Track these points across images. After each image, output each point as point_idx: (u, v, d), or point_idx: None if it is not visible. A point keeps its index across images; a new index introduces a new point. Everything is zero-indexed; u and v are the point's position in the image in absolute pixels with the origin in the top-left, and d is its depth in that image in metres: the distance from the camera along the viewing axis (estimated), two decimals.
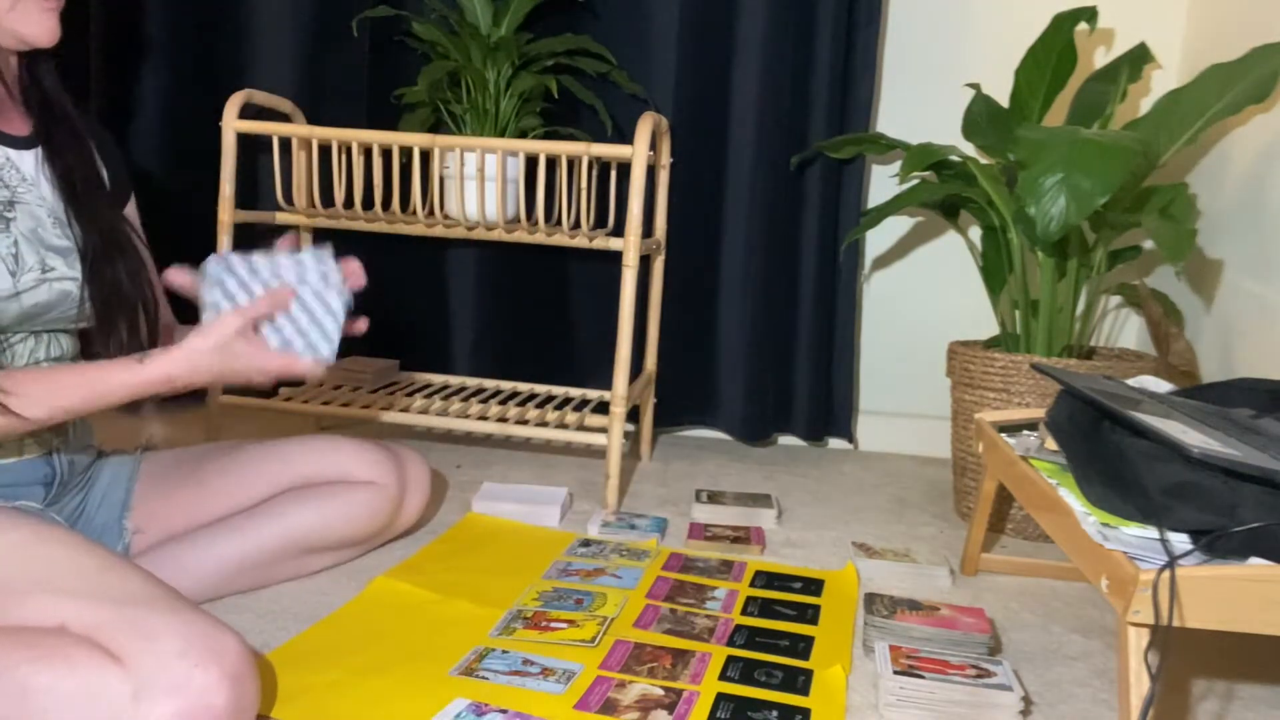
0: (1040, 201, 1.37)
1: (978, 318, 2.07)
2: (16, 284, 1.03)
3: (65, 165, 1.12)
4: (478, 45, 1.79)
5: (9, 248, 1.03)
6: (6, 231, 1.04)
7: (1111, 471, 0.99)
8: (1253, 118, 1.68)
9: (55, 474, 1.12)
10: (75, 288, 1.09)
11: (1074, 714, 1.06)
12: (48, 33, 1.06)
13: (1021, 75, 1.75)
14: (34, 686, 0.81)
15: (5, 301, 1.02)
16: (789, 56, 1.95)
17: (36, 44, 1.06)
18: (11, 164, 1.09)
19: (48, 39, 1.06)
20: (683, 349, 2.08)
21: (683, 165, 1.98)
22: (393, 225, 1.77)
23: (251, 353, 1.05)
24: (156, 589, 0.91)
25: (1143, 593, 0.84)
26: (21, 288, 1.03)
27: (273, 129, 1.72)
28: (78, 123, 1.17)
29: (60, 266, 1.08)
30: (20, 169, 1.09)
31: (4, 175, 1.08)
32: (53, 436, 1.11)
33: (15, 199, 1.07)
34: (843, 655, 1.14)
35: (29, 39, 1.05)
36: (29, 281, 1.04)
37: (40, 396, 0.97)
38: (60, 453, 1.13)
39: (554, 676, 1.05)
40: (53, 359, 1.11)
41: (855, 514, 1.74)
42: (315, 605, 1.22)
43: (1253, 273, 1.64)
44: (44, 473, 1.11)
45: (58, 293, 1.07)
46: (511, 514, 1.59)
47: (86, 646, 0.83)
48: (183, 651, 0.82)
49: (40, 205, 1.09)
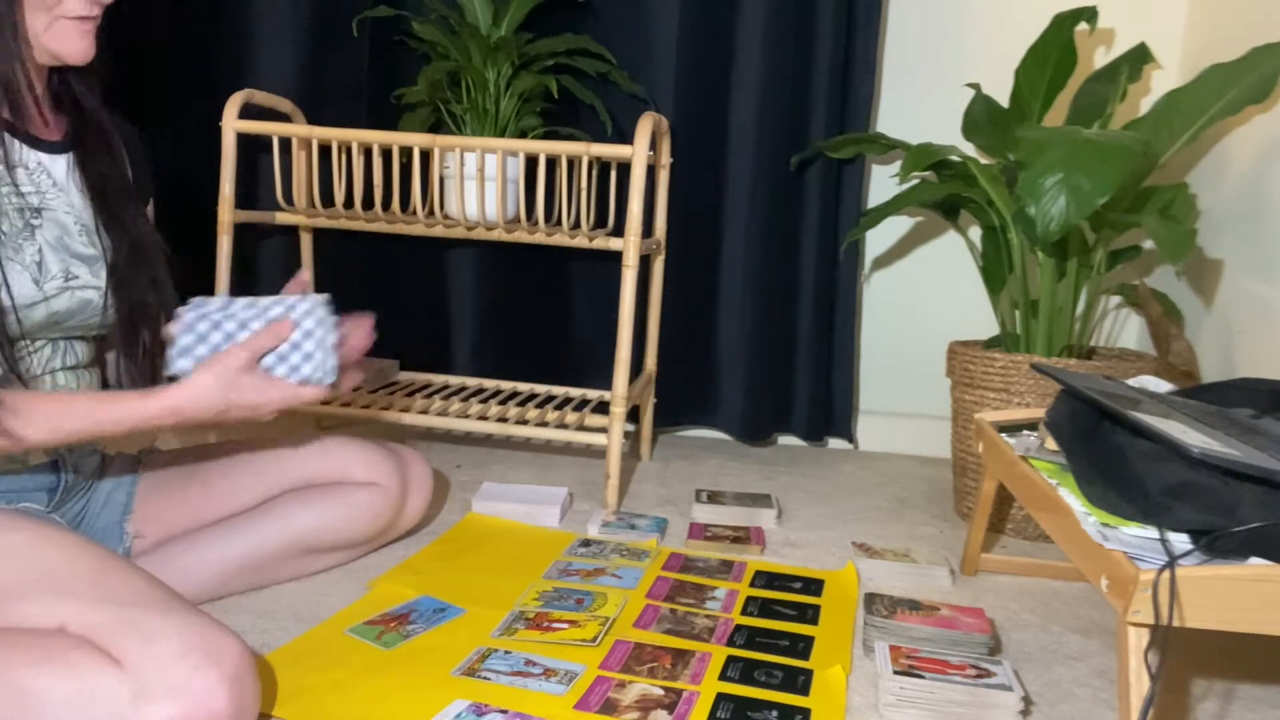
0: (1040, 201, 1.37)
1: (978, 318, 2.07)
2: (43, 290, 1.03)
3: (97, 172, 1.12)
4: (478, 45, 1.79)
5: (34, 255, 1.03)
6: (32, 239, 1.04)
7: (1111, 471, 0.99)
8: (1253, 118, 1.68)
9: (60, 482, 1.12)
10: (98, 296, 1.09)
11: (1074, 714, 1.06)
12: (82, 52, 1.05)
13: (1021, 75, 1.75)
14: (32, 688, 0.81)
15: (31, 308, 1.02)
16: (789, 56, 1.95)
17: (71, 62, 1.06)
18: (43, 168, 1.08)
19: (81, 58, 1.06)
20: (683, 349, 2.08)
21: (683, 165, 1.98)
22: (393, 225, 1.77)
23: (257, 386, 1.07)
24: (156, 591, 0.91)
25: (1143, 593, 0.84)
26: (45, 294, 1.03)
27: (273, 129, 1.72)
28: (109, 127, 1.16)
29: (84, 275, 1.08)
30: (52, 174, 1.09)
31: (36, 179, 1.07)
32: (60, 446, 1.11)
33: (43, 205, 1.06)
34: (843, 655, 1.14)
35: (64, 57, 1.05)
36: (53, 289, 1.04)
37: (43, 419, 0.97)
38: (66, 461, 1.12)
39: (556, 677, 1.05)
40: (68, 368, 1.11)
41: (855, 514, 1.74)
42: (316, 606, 1.22)
43: (1253, 273, 1.64)
44: (49, 481, 1.10)
45: (80, 301, 1.07)
46: (511, 514, 1.59)
47: (86, 648, 0.83)
48: (182, 654, 0.82)
49: (68, 212, 1.09)
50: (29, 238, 1.04)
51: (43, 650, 0.83)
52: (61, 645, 0.84)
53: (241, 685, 0.85)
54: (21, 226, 1.03)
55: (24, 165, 1.06)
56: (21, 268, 1.02)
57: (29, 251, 1.03)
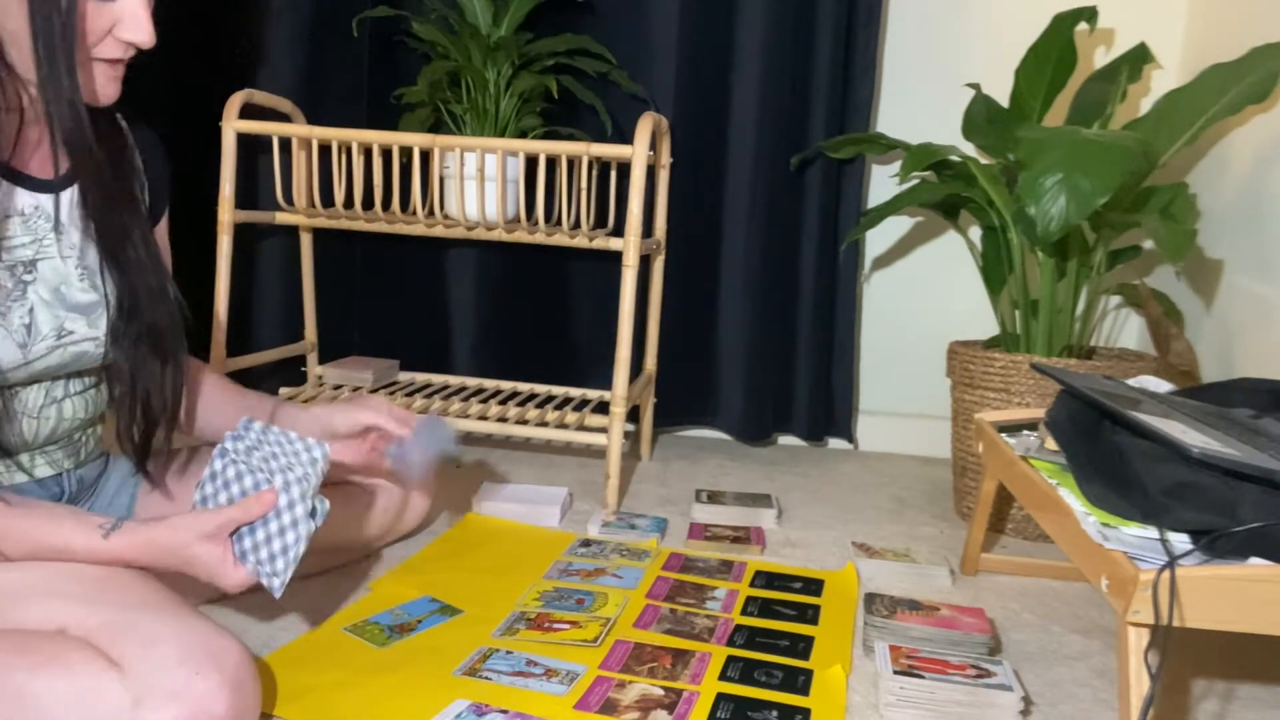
0: (1040, 201, 1.37)
1: (978, 318, 2.07)
2: (26, 354, 0.97)
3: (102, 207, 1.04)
4: (478, 45, 1.79)
5: (23, 317, 0.97)
6: (23, 298, 0.97)
7: (1111, 471, 0.99)
8: (1253, 118, 1.68)
9: (64, 493, 1.11)
10: (94, 346, 1.03)
11: (1074, 714, 1.06)
12: (108, 98, 0.99)
13: (1021, 75, 1.75)
14: (31, 692, 0.81)
15: (12, 370, 0.96)
16: (789, 56, 1.95)
17: (97, 104, 0.98)
18: (40, 211, 1.00)
19: (106, 101, 1.00)
20: (683, 349, 2.08)
21: (683, 165, 1.98)
22: (393, 225, 1.77)
23: (211, 563, 0.95)
24: (157, 594, 0.91)
25: (1143, 593, 0.84)
26: (32, 357, 0.98)
27: (273, 129, 1.72)
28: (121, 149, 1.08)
29: (80, 328, 1.01)
30: (50, 215, 1.01)
31: (33, 225, 0.99)
32: (64, 457, 1.08)
33: (38, 256, 0.99)
34: (843, 655, 1.14)
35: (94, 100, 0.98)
36: (40, 350, 0.98)
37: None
38: (71, 473, 1.10)
39: (557, 678, 1.05)
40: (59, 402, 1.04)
41: (855, 514, 1.74)
42: (316, 606, 1.22)
43: (1253, 273, 1.64)
44: (53, 492, 1.10)
45: (73, 354, 1.01)
46: (511, 514, 1.59)
47: (86, 652, 0.83)
48: (183, 658, 0.82)
49: (68, 256, 1.02)
50: (20, 297, 0.97)
51: (43, 653, 0.83)
52: (62, 648, 0.83)
53: (242, 689, 0.85)
54: (12, 286, 0.96)
55: (19, 213, 0.99)
56: (7, 333, 0.95)
57: (17, 315, 0.96)
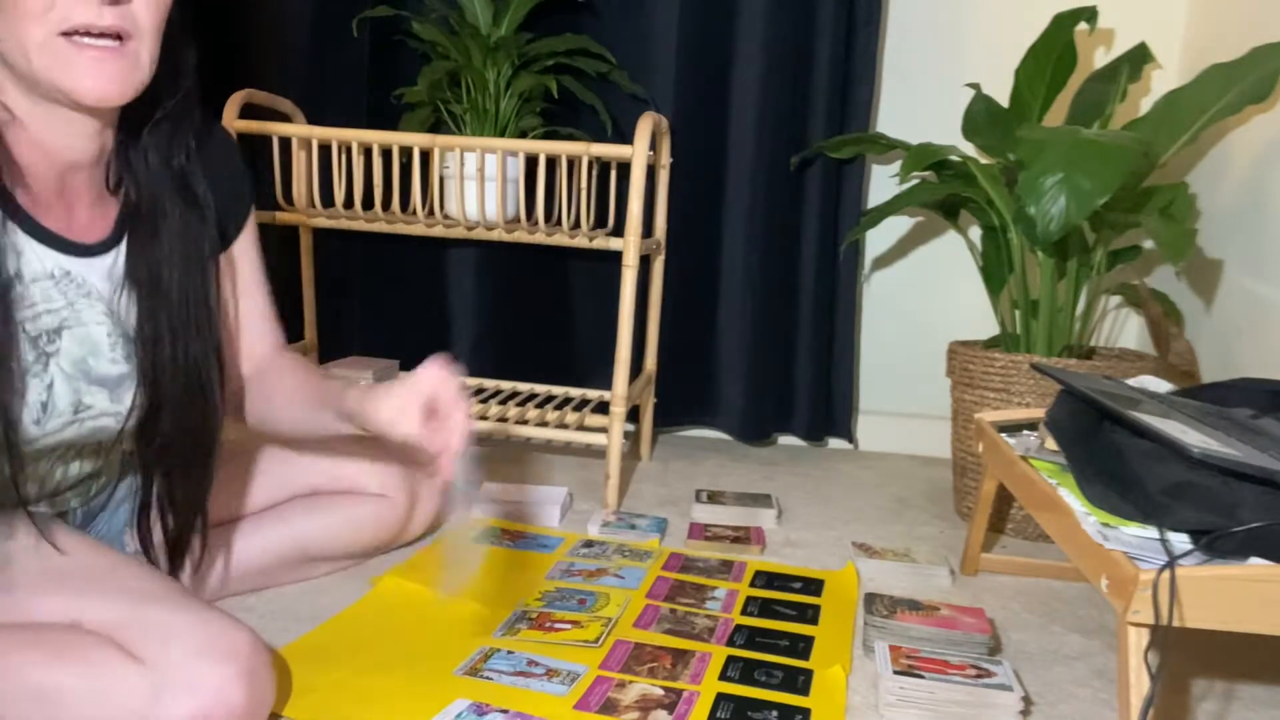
0: (1040, 201, 1.37)
1: (978, 318, 2.07)
2: (41, 429, 0.90)
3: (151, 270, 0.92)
4: (478, 45, 1.79)
5: (40, 393, 0.88)
6: (44, 371, 0.89)
7: (1111, 471, 0.99)
8: (1253, 118, 1.68)
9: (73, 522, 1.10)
10: (114, 422, 0.95)
11: (1074, 714, 1.06)
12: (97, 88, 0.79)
13: (1021, 75, 1.75)
14: (49, 684, 0.81)
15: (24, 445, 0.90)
16: (789, 56, 1.95)
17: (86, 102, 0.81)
18: (71, 278, 0.90)
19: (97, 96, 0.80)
20: (683, 348, 2.08)
21: (683, 165, 1.98)
22: (393, 225, 1.77)
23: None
24: (169, 586, 0.91)
25: (1143, 593, 0.84)
26: (44, 433, 0.91)
27: (273, 129, 1.72)
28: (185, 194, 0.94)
29: (100, 402, 0.93)
30: (86, 281, 0.91)
31: (64, 291, 0.90)
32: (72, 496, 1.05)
33: (64, 325, 0.90)
34: (843, 655, 1.14)
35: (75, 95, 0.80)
36: (54, 426, 0.91)
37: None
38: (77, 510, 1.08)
39: (558, 678, 1.05)
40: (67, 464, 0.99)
41: (855, 514, 1.74)
42: (318, 606, 1.22)
43: (1253, 273, 1.64)
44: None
45: (89, 429, 0.94)
46: (511, 514, 1.59)
47: (103, 644, 0.83)
48: (201, 649, 0.83)
49: (101, 323, 0.92)
50: (40, 371, 0.88)
51: (59, 646, 0.83)
52: (78, 641, 0.84)
53: (257, 680, 0.85)
54: (34, 359, 0.88)
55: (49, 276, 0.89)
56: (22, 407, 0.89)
57: (35, 390, 0.88)
